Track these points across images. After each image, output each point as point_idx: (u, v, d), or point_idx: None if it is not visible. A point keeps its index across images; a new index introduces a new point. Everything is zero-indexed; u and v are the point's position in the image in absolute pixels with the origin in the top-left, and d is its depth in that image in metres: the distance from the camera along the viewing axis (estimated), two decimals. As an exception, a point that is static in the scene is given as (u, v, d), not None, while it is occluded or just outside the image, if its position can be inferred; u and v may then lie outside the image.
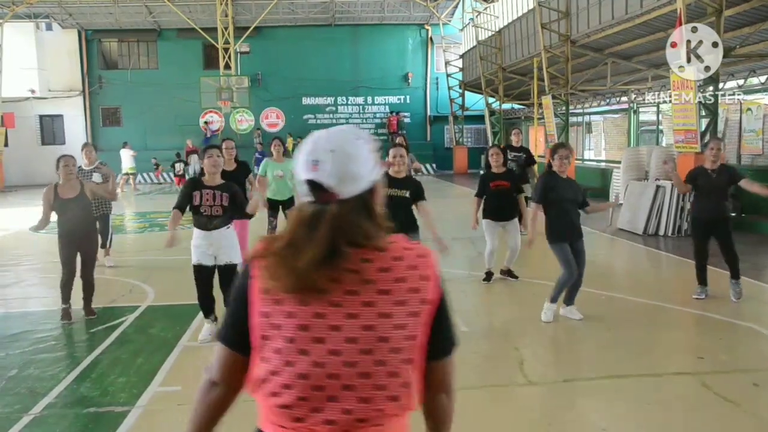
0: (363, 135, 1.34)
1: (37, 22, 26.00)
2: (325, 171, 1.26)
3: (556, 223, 5.37)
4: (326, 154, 1.27)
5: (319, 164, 1.26)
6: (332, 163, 1.26)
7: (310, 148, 1.29)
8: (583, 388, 4.15)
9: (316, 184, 1.27)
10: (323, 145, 1.29)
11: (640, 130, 17.74)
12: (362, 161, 1.30)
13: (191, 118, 25.41)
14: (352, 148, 1.29)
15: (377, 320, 1.24)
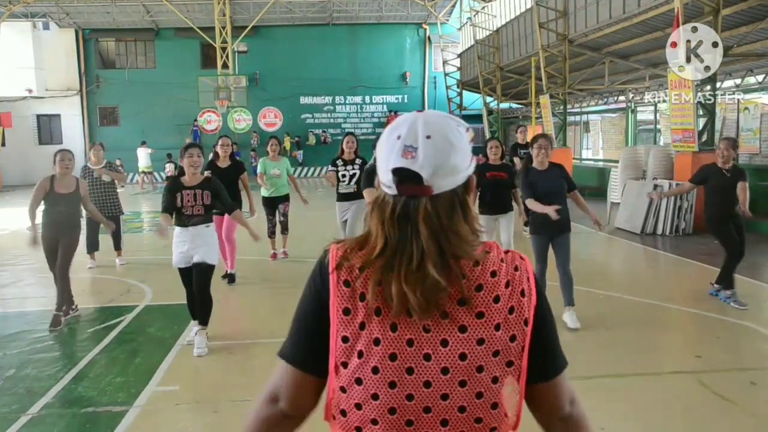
0: (463, 122, 1.17)
1: (34, 21, 25.95)
2: (422, 159, 1.08)
3: (539, 217, 5.32)
4: (424, 139, 1.09)
5: (416, 151, 1.08)
6: (431, 151, 1.08)
7: (405, 131, 1.10)
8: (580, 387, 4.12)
9: (407, 174, 1.08)
10: (421, 129, 1.10)
11: (638, 130, 17.76)
12: (462, 152, 1.12)
13: (189, 117, 25.41)
14: (454, 136, 1.11)
15: (473, 348, 1.08)
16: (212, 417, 3.75)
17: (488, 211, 6.75)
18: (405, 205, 1.09)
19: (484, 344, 1.08)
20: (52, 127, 27.38)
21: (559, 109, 17.10)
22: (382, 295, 1.07)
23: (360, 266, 1.10)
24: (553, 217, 5.03)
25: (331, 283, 1.11)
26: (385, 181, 1.11)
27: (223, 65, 25.10)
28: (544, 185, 5.27)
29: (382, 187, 1.12)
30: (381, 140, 1.14)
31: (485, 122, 24.58)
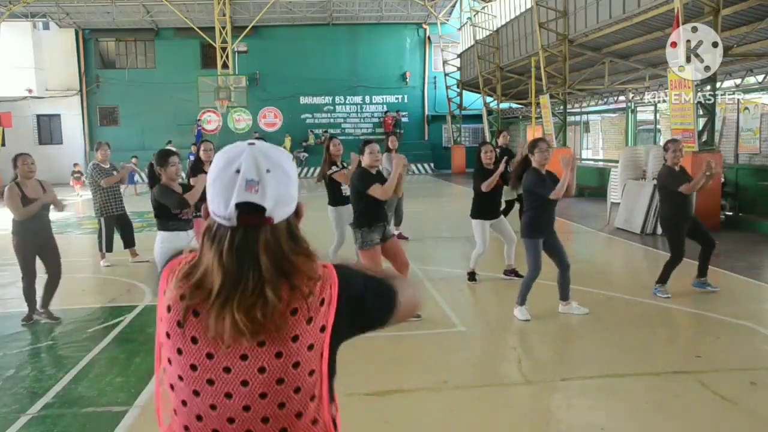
0: (286, 152, 1.24)
1: (34, 22, 25.96)
2: (265, 192, 1.13)
3: (536, 220, 5.37)
4: (265, 173, 1.14)
5: (259, 185, 1.13)
6: (272, 184, 1.14)
7: (245, 166, 1.13)
8: (580, 387, 4.15)
9: (250, 207, 1.13)
10: (261, 163, 1.14)
11: (638, 130, 17.76)
12: (295, 182, 1.21)
13: (189, 117, 25.41)
14: (289, 167, 1.19)
15: (271, 361, 1.14)
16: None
17: (484, 215, 6.76)
18: (244, 235, 1.14)
19: (280, 358, 1.14)
20: (52, 127, 27.38)
21: (559, 109, 17.10)
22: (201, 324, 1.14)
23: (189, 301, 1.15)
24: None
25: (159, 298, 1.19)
26: (223, 214, 1.14)
27: (223, 65, 25.09)
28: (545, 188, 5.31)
29: (215, 218, 1.16)
30: (213, 173, 1.17)
31: (485, 122, 24.58)
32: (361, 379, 4.25)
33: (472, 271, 6.96)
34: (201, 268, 1.16)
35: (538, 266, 5.41)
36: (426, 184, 22.30)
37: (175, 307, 1.16)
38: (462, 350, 5.00)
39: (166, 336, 1.17)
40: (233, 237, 1.14)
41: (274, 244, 1.15)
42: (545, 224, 5.40)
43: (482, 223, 6.75)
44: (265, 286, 1.12)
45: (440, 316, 5.79)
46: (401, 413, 3.79)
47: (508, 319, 5.56)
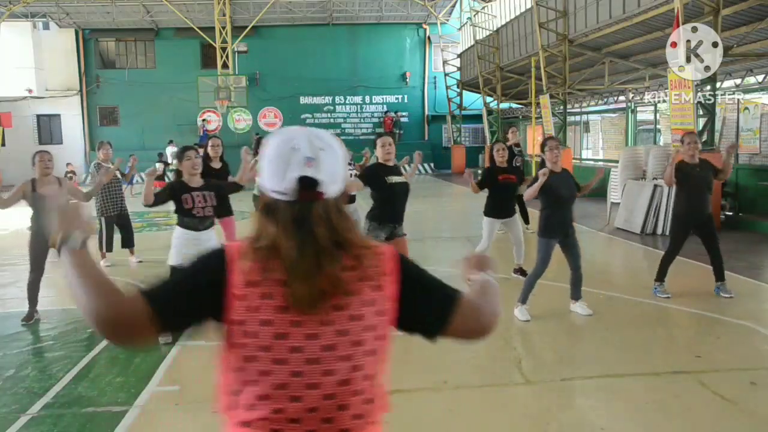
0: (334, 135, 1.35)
1: (34, 22, 25.96)
2: (321, 168, 1.25)
3: (549, 219, 5.38)
4: (319, 151, 1.26)
5: (314, 161, 1.25)
6: (327, 162, 1.26)
7: (304, 144, 1.26)
8: (581, 387, 4.15)
9: (308, 182, 1.24)
10: (315, 143, 1.27)
11: (638, 130, 17.76)
12: (343, 163, 1.32)
13: (189, 117, 25.40)
14: (338, 148, 1.31)
15: (349, 324, 1.23)
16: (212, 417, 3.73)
17: (495, 214, 6.75)
18: (301, 209, 1.24)
19: (359, 320, 1.24)
20: (52, 127, 27.38)
21: (559, 109, 17.10)
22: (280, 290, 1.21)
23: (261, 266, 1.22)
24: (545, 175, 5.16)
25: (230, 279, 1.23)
26: (281, 189, 1.25)
27: (223, 65, 25.09)
28: (558, 187, 5.32)
29: (272, 194, 1.26)
30: (271, 152, 1.27)
31: (485, 122, 24.58)
32: (361, 379, 4.24)
33: None
34: (265, 241, 1.25)
35: (544, 265, 5.42)
36: (426, 184, 22.30)
37: (259, 281, 1.22)
38: (462, 350, 4.99)
39: (252, 310, 1.21)
40: (292, 210, 1.24)
41: (327, 218, 1.25)
42: (558, 224, 5.38)
43: (492, 221, 6.78)
44: (326, 255, 1.22)
45: (440, 316, 5.79)
46: (401, 413, 3.79)
47: (508, 319, 5.56)
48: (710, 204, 6.12)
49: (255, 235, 1.27)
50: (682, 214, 6.10)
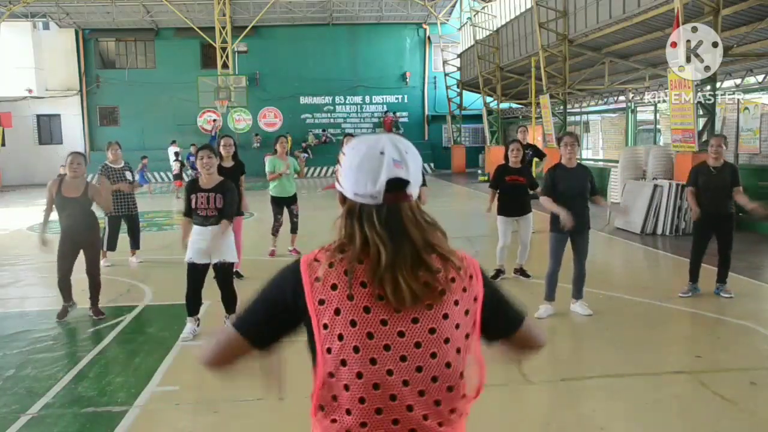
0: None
1: (34, 22, 25.97)
2: (407, 170, 1.27)
3: (557, 216, 5.37)
4: (405, 154, 1.28)
5: (403, 163, 1.27)
6: (412, 164, 1.29)
7: (389, 148, 1.27)
8: (581, 387, 4.16)
9: (398, 183, 1.26)
10: (400, 147, 1.29)
11: (638, 130, 17.76)
12: (421, 165, 1.35)
13: (189, 117, 25.42)
14: (417, 151, 1.33)
15: (439, 322, 1.26)
16: (212, 417, 3.75)
17: (507, 212, 6.83)
18: (389, 211, 1.26)
19: (447, 319, 1.27)
20: (52, 127, 27.39)
21: (559, 109, 17.10)
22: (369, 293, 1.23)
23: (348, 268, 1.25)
24: (567, 224, 5.13)
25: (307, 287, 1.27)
26: (371, 192, 1.26)
27: (223, 65, 25.11)
28: (569, 183, 5.31)
29: (357, 198, 1.28)
30: (357, 157, 1.29)
31: (485, 122, 24.58)
32: (361, 379, 4.24)
33: (498, 268, 6.96)
34: (355, 244, 1.27)
35: (555, 260, 5.47)
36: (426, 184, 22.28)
37: (341, 283, 1.24)
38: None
39: (335, 313, 1.23)
40: (380, 213, 1.26)
41: (415, 219, 1.29)
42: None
43: (504, 219, 6.85)
44: (422, 255, 1.25)
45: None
46: (401, 413, 3.78)
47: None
48: (729, 206, 6.11)
49: (341, 240, 1.30)
50: (701, 216, 6.12)
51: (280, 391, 1.53)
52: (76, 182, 5.69)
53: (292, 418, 3.76)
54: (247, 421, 3.70)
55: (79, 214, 5.69)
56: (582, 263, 5.53)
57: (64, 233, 5.72)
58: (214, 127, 24.72)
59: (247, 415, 3.76)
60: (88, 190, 5.73)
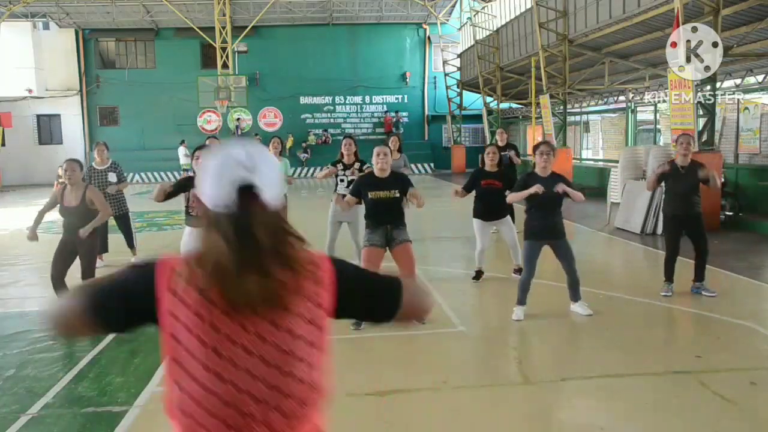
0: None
1: (34, 22, 25.97)
2: (260, 176, 1.27)
3: (529, 222, 5.39)
4: (259, 163, 1.28)
5: (255, 171, 1.27)
6: (266, 171, 1.29)
7: (244, 155, 1.28)
8: (580, 387, 4.15)
9: (250, 190, 1.26)
10: (253, 155, 1.29)
11: (638, 130, 17.75)
12: (278, 171, 1.34)
13: (189, 117, 25.41)
14: (271, 157, 1.34)
15: (274, 331, 1.27)
16: (212, 417, 3.75)
17: (482, 216, 6.80)
18: (243, 219, 1.26)
19: (288, 332, 1.28)
20: (52, 127, 27.38)
21: (559, 109, 17.10)
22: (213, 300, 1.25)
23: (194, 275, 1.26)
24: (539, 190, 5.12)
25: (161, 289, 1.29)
26: (224, 201, 1.26)
27: (223, 65, 25.10)
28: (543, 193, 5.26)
29: (212, 207, 1.28)
30: (210, 168, 1.29)
31: (485, 122, 24.58)
32: (361, 379, 4.25)
33: (478, 270, 6.97)
34: (208, 251, 1.27)
35: (530, 266, 5.44)
36: (426, 184, 22.31)
37: (188, 289, 1.27)
38: (462, 350, 5.01)
39: (175, 317, 1.28)
40: (235, 220, 1.26)
41: (269, 227, 1.28)
42: (539, 228, 5.36)
43: (480, 223, 6.82)
44: (267, 263, 1.25)
45: (440, 316, 5.79)
46: (401, 413, 3.79)
47: (508, 319, 5.56)
48: (697, 205, 6.10)
49: (198, 247, 1.30)
50: (669, 214, 6.21)
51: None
52: (74, 190, 5.70)
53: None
54: None
55: (77, 222, 5.68)
56: (572, 268, 5.47)
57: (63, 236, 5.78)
58: (239, 126, 25.14)
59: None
60: (86, 196, 5.72)
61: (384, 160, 5.18)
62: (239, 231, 1.25)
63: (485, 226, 6.81)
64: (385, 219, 5.20)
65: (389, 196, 5.14)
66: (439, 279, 7.23)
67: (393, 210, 5.23)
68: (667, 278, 6.20)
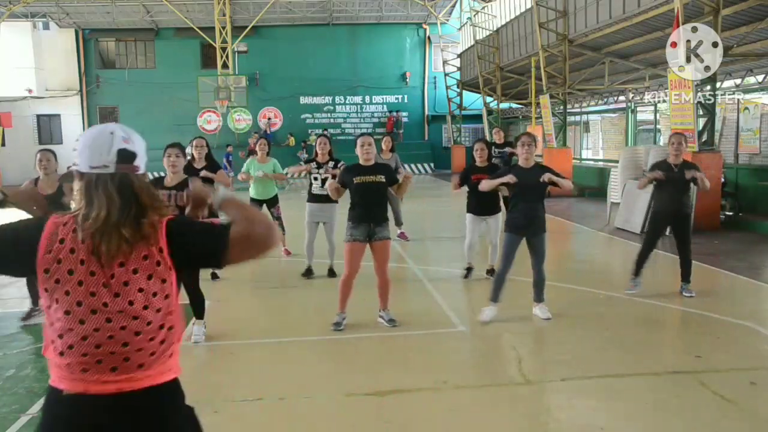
0: None
1: (34, 22, 25.96)
2: (135, 145, 1.64)
3: (514, 215, 5.34)
4: (131, 134, 1.67)
5: (131, 140, 1.64)
6: (136, 142, 1.66)
7: (117, 130, 1.64)
8: (580, 387, 4.15)
9: (127, 155, 1.61)
10: (126, 129, 1.67)
11: (638, 130, 17.75)
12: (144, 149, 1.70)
13: (189, 117, 25.38)
14: (141, 139, 1.71)
15: (122, 288, 1.56)
16: (212, 417, 3.74)
17: (474, 211, 6.85)
18: (122, 178, 1.59)
19: (128, 285, 1.56)
20: (52, 127, 27.37)
21: (559, 109, 17.10)
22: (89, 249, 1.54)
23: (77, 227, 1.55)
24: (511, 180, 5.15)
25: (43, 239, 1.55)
26: (104, 162, 1.59)
27: (223, 65, 25.10)
28: (525, 183, 5.25)
29: (92, 171, 1.59)
30: (87, 140, 1.63)
31: (485, 122, 24.58)
32: (361, 379, 4.25)
33: (468, 266, 7.02)
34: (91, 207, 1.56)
35: (507, 261, 5.38)
36: (426, 183, 22.31)
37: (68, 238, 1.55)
38: (462, 350, 5.01)
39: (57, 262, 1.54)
40: (113, 180, 1.58)
41: (146, 188, 1.63)
42: (520, 220, 5.30)
43: (472, 218, 6.90)
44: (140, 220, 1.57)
45: (440, 316, 5.79)
46: (401, 413, 3.79)
47: (507, 318, 5.56)
48: (687, 205, 6.12)
49: (80, 205, 1.58)
50: (658, 213, 6.21)
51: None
52: (49, 179, 5.68)
53: (292, 418, 3.76)
54: (247, 421, 3.70)
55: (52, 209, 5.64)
56: (540, 267, 5.41)
57: None
58: (267, 125, 25.97)
59: (247, 415, 3.76)
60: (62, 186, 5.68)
61: (368, 150, 5.23)
62: (123, 190, 1.57)
63: (477, 220, 6.88)
64: (370, 206, 5.19)
65: (375, 180, 5.17)
66: (439, 279, 7.23)
67: (378, 196, 5.24)
68: (635, 273, 6.18)
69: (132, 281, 1.55)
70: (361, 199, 5.18)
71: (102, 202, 1.55)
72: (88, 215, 1.54)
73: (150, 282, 1.56)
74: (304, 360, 4.73)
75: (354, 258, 5.17)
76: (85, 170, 1.59)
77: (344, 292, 5.27)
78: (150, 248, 1.57)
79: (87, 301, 1.53)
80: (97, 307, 1.53)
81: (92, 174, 1.58)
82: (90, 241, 1.53)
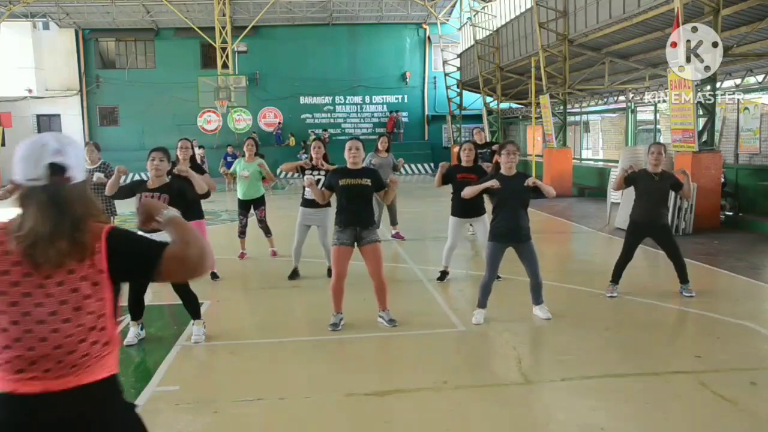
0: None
1: (34, 21, 25.94)
2: (69, 158, 1.64)
3: (498, 224, 5.32)
4: (66, 146, 1.65)
5: (63, 152, 1.63)
6: (70, 153, 1.65)
7: (52, 140, 1.64)
8: (581, 387, 4.15)
9: (57, 168, 1.61)
10: (61, 139, 1.66)
11: (638, 130, 17.74)
12: (83, 157, 1.72)
13: (189, 117, 25.40)
14: (77, 143, 1.70)
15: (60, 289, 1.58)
16: (212, 417, 3.75)
17: (459, 213, 6.78)
18: (53, 191, 1.60)
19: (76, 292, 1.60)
20: (52, 127, 27.34)
21: (559, 109, 17.10)
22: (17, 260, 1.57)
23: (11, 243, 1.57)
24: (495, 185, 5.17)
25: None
26: (35, 175, 1.60)
27: (223, 65, 25.10)
28: (508, 191, 5.24)
29: (27, 183, 1.61)
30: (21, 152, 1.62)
31: (485, 122, 24.56)
32: (361, 379, 4.25)
33: (444, 270, 6.98)
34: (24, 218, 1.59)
35: (492, 270, 5.39)
36: (426, 183, 22.30)
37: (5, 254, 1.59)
38: (462, 350, 5.01)
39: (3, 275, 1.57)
40: (49, 193, 1.60)
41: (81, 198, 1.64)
42: (503, 229, 5.28)
43: (456, 220, 6.86)
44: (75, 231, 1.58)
45: (440, 316, 5.80)
46: (401, 413, 3.79)
47: (507, 318, 5.56)
48: (665, 216, 6.16)
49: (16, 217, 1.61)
50: (635, 221, 6.16)
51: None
52: None
53: (293, 418, 3.76)
54: (247, 421, 3.71)
55: None
56: (535, 272, 5.39)
57: None
58: (276, 128, 26.45)
59: (247, 415, 3.76)
60: None
61: (356, 154, 5.24)
62: (55, 201, 1.59)
63: (460, 223, 6.88)
64: (355, 209, 5.18)
65: (360, 183, 5.18)
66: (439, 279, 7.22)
67: (363, 200, 5.23)
68: (613, 280, 6.21)
69: (66, 281, 1.58)
70: (347, 201, 5.20)
71: (34, 214, 1.58)
72: (23, 226, 1.58)
73: (83, 284, 1.60)
74: (304, 360, 4.73)
75: (341, 262, 5.18)
76: (22, 182, 1.63)
77: (336, 294, 5.29)
78: (86, 254, 1.60)
79: (22, 302, 1.56)
80: (29, 310, 1.57)
81: (26, 186, 1.62)
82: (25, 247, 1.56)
